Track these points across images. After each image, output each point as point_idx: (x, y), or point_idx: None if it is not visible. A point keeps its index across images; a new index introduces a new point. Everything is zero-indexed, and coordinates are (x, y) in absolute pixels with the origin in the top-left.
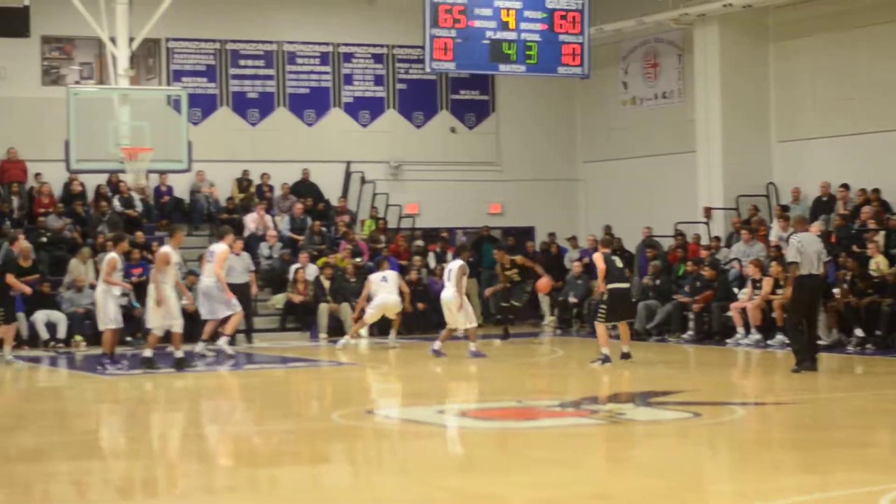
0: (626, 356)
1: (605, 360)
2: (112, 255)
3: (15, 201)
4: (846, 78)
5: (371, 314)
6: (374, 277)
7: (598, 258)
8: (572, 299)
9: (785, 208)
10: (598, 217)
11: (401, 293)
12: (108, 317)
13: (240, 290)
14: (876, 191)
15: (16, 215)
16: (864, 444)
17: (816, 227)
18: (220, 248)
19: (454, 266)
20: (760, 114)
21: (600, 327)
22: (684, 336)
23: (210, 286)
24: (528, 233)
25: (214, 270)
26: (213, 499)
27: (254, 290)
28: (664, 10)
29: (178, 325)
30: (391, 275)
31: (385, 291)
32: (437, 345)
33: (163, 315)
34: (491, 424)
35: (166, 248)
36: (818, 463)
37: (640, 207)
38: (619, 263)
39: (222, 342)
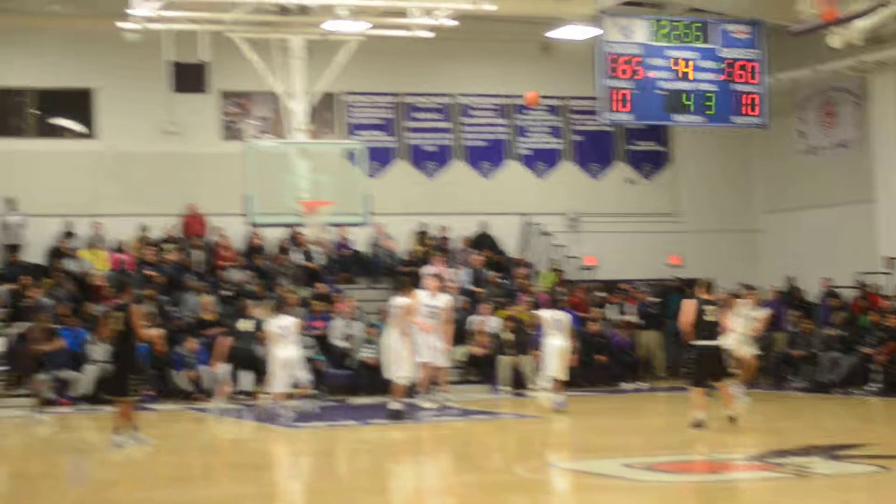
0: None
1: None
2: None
3: (197, 255)
4: None
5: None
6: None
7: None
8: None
9: None
10: (778, 268)
11: None
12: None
13: None
14: None
15: (197, 269)
16: None
17: None
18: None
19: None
20: None
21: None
22: (869, 388)
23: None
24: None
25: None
26: None
27: None
28: (840, 58)
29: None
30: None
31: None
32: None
33: (408, 365)
34: (677, 478)
35: (406, 300)
36: None
37: (820, 258)
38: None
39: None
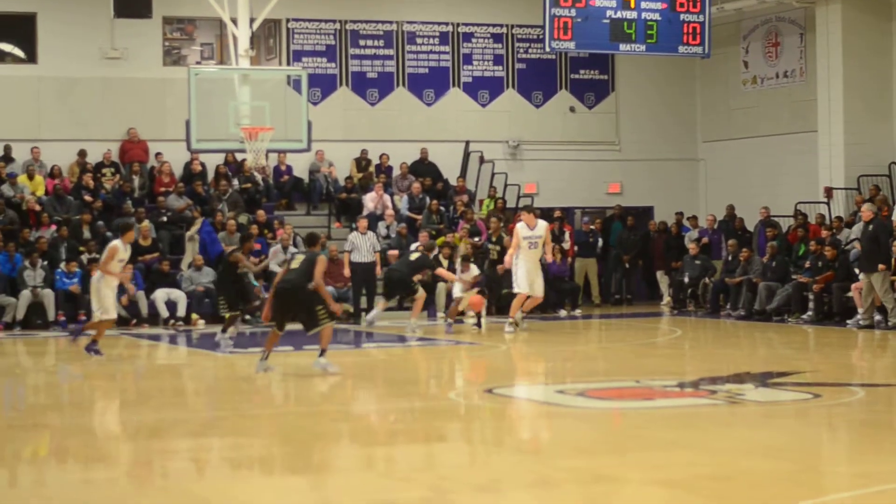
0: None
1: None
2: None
3: (136, 181)
4: None
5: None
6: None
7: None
8: (686, 279)
9: None
10: (718, 197)
11: None
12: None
13: (365, 270)
14: None
15: (137, 195)
16: None
17: None
18: None
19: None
20: (883, 92)
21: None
22: (804, 317)
23: None
24: (647, 212)
25: None
26: (330, 476)
27: (378, 269)
28: None
29: None
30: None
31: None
32: None
33: None
34: (609, 404)
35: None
36: None
37: (761, 187)
38: None
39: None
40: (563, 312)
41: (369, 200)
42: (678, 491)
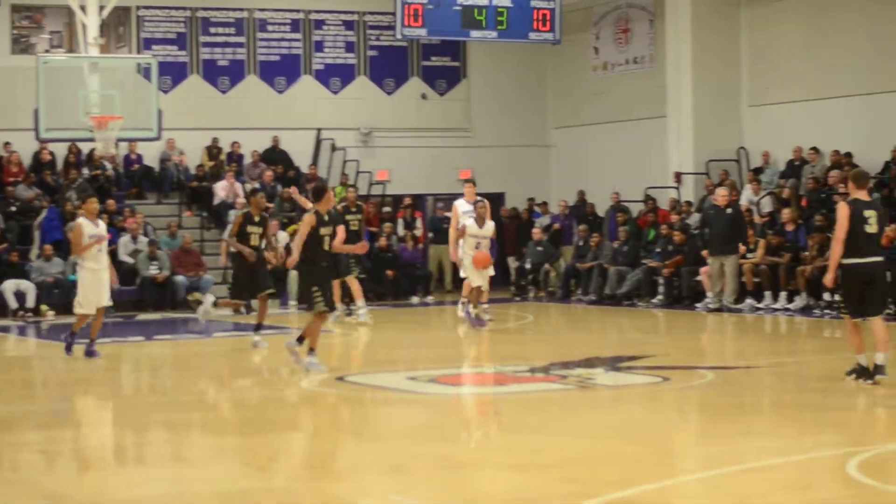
0: None
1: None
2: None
3: None
4: (817, 43)
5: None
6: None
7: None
8: (529, 265)
9: (758, 171)
10: (569, 182)
11: None
12: None
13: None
14: (848, 154)
15: None
16: (832, 408)
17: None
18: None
19: None
20: (731, 79)
21: None
22: (654, 301)
23: None
24: (498, 199)
25: None
26: (185, 467)
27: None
28: None
29: None
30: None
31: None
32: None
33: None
34: (462, 390)
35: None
36: (787, 426)
37: (611, 172)
38: None
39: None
40: (414, 299)
41: (220, 189)
42: (530, 475)
